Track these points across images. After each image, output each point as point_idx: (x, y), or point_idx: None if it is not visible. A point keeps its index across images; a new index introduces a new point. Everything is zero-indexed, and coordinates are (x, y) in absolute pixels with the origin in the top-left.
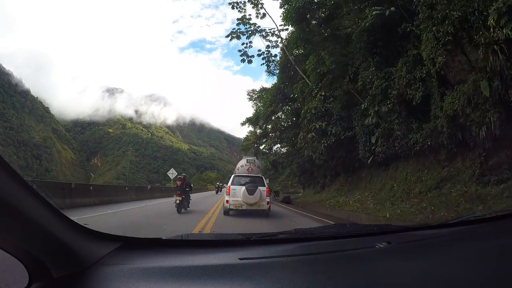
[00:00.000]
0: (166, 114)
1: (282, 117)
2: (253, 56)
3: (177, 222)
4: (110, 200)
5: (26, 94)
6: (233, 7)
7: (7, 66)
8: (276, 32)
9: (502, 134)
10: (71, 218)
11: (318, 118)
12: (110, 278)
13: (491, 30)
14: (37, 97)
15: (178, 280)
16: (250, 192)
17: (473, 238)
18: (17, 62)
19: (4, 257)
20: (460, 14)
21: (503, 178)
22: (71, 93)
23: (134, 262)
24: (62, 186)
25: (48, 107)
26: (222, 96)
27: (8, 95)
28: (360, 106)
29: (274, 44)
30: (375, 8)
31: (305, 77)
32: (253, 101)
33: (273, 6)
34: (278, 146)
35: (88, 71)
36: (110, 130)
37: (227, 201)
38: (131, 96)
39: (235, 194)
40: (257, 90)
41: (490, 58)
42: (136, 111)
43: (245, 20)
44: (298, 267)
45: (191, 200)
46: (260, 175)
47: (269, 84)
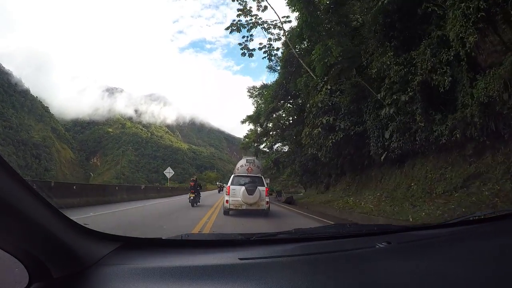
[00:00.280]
0: (166, 113)
1: (284, 114)
2: (254, 49)
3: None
4: (97, 201)
5: (25, 93)
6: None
7: (7, 66)
8: (278, 23)
9: None
10: (71, 218)
11: (325, 112)
12: (110, 278)
13: None
14: (36, 96)
15: (178, 280)
16: (250, 192)
17: (473, 238)
18: (17, 62)
19: (4, 257)
20: None
21: None
22: (71, 92)
23: (134, 262)
24: (38, 185)
25: (47, 107)
26: (222, 96)
27: (7, 95)
28: (371, 99)
29: (276, 37)
30: None
31: (309, 70)
32: (253, 98)
33: None
34: (279, 145)
35: (88, 71)
36: (110, 130)
37: (227, 201)
38: (131, 95)
39: (235, 194)
40: (257, 87)
41: None
42: (135, 111)
43: (246, 11)
44: (298, 267)
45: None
46: (259, 175)
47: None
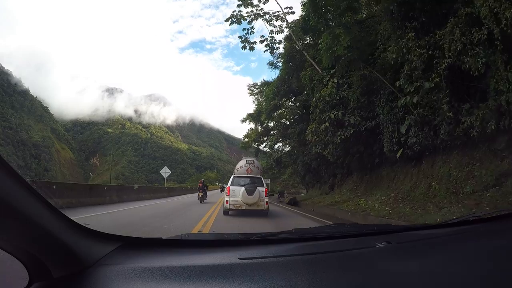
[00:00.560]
0: (166, 114)
1: (286, 111)
2: (255, 42)
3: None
4: (81, 202)
5: (25, 93)
6: None
7: (6, 66)
8: (281, 15)
9: None
10: (71, 218)
11: (333, 107)
12: (110, 278)
13: None
14: (36, 96)
15: (178, 280)
16: (250, 192)
17: (473, 238)
18: (16, 62)
19: (4, 257)
20: None
21: None
22: (71, 92)
23: (134, 262)
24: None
25: (47, 107)
26: (222, 96)
27: (7, 95)
28: (384, 91)
29: (278, 29)
30: None
31: (314, 63)
32: (254, 96)
33: None
34: (280, 144)
35: (87, 71)
36: (110, 130)
37: (227, 201)
38: (131, 95)
39: (235, 194)
40: (258, 84)
41: None
42: (135, 111)
43: (247, 1)
44: (298, 267)
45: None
46: (259, 176)
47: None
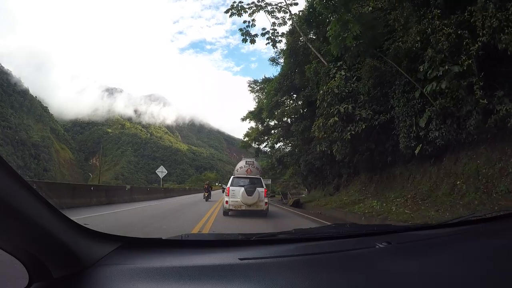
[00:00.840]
0: (166, 114)
1: (288, 109)
2: (256, 35)
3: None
4: (63, 204)
5: (25, 93)
6: None
7: (6, 65)
8: (284, 6)
9: None
10: (71, 218)
11: (342, 100)
12: (110, 278)
13: None
14: (36, 96)
15: (178, 280)
16: (249, 193)
17: (473, 238)
18: (16, 61)
19: (4, 257)
20: None
21: None
22: (70, 92)
23: (134, 262)
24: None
25: (47, 107)
26: (222, 96)
27: (6, 94)
28: (400, 81)
29: (281, 21)
30: None
31: (319, 56)
32: (254, 93)
33: None
34: (280, 144)
35: (87, 71)
36: (109, 130)
37: (227, 201)
38: (131, 96)
39: (234, 195)
40: (259, 82)
41: None
42: (135, 111)
43: None
44: (298, 267)
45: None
46: (258, 177)
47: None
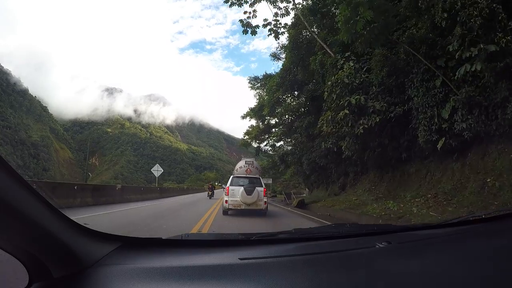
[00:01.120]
0: (165, 114)
1: (292, 104)
2: (257, 26)
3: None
4: None
5: (24, 93)
6: None
7: (6, 65)
8: None
9: None
10: (71, 218)
11: (352, 91)
12: (110, 278)
13: None
14: (35, 96)
15: (178, 280)
16: (248, 192)
17: (473, 238)
18: (16, 61)
19: (4, 257)
20: None
21: None
22: (70, 92)
23: (134, 262)
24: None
25: (46, 106)
26: (222, 96)
27: (6, 94)
28: (418, 69)
29: (284, 11)
30: None
31: (325, 46)
32: (255, 90)
33: None
34: (281, 143)
35: (87, 71)
36: (109, 130)
37: (226, 201)
38: (130, 95)
39: (234, 194)
40: (260, 78)
41: None
42: (135, 111)
43: None
44: (298, 267)
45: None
46: (258, 176)
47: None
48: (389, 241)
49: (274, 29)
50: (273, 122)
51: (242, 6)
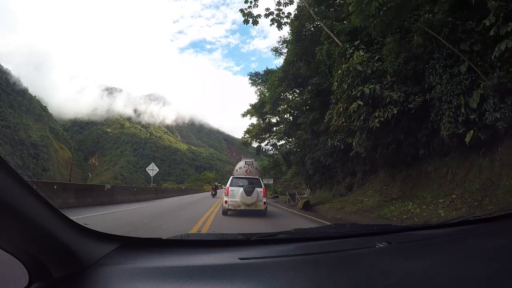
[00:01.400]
0: (165, 113)
1: (295, 99)
2: (259, 16)
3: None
4: None
5: (24, 93)
6: None
7: (5, 65)
8: None
9: None
10: (71, 217)
11: (366, 80)
12: (110, 278)
13: None
14: (35, 95)
15: (178, 280)
16: (248, 193)
17: (473, 238)
18: (15, 60)
19: (4, 257)
20: None
21: None
22: (70, 92)
23: (134, 262)
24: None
25: (46, 106)
26: (222, 96)
27: (5, 94)
28: (441, 54)
29: (287, 0)
30: None
31: (332, 35)
32: (256, 86)
33: None
34: (282, 142)
35: (87, 70)
36: (108, 130)
37: (226, 201)
38: (130, 95)
39: (234, 195)
40: (261, 74)
41: None
42: (135, 111)
43: None
44: (298, 267)
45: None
46: (257, 177)
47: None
48: (389, 241)
49: (277, 19)
50: (274, 120)
51: None
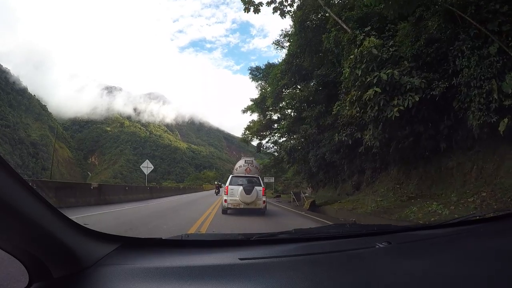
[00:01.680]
0: (165, 112)
1: (302, 93)
2: (261, 3)
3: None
4: None
5: (23, 92)
6: None
7: (5, 64)
8: None
9: None
10: (70, 217)
11: (382, 65)
12: (110, 278)
13: None
14: (34, 95)
15: (178, 280)
16: (247, 191)
17: (473, 238)
18: (15, 60)
19: (4, 257)
20: None
21: None
22: (69, 91)
23: (134, 262)
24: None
25: (45, 105)
26: (222, 95)
27: (4, 93)
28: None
29: None
30: None
31: (341, 22)
32: (257, 81)
33: None
34: (283, 139)
35: (86, 69)
36: (108, 129)
37: (225, 200)
38: (130, 94)
39: (233, 193)
40: (262, 68)
41: None
42: (134, 109)
43: None
44: (298, 267)
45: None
46: (257, 176)
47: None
48: (389, 241)
49: (280, 7)
50: (275, 117)
51: None
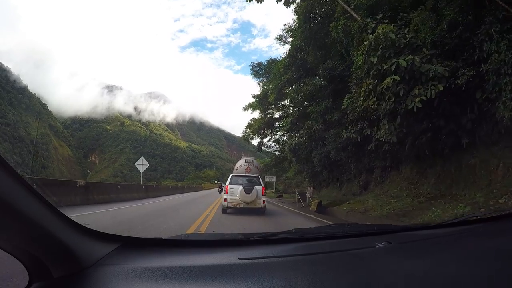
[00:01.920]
0: (166, 111)
1: (307, 87)
2: None
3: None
4: None
5: (23, 90)
6: None
7: (5, 62)
8: None
9: None
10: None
11: (399, 51)
12: (110, 278)
13: None
14: (35, 93)
15: (178, 280)
16: (247, 191)
17: (473, 238)
18: (15, 58)
19: (4, 257)
20: None
21: None
22: (70, 89)
23: (134, 262)
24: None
25: (45, 104)
26: (223, 94)
27: (5, 91)
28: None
29: None
30: None
31: (350, 10)
32: (258, 78)
33: None
34: (285, 138)
35: (87, 68)
36: (108, 127)
37: (225, 199)
38: (130, 93)
39: (233, 193)
40: (264, 64)
41: None
42: (135, 108)
43: None
44: (299, 267)
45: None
46: (257, 175)
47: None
48: (389, 241)
49: None
50: (277, 115)
51: None
